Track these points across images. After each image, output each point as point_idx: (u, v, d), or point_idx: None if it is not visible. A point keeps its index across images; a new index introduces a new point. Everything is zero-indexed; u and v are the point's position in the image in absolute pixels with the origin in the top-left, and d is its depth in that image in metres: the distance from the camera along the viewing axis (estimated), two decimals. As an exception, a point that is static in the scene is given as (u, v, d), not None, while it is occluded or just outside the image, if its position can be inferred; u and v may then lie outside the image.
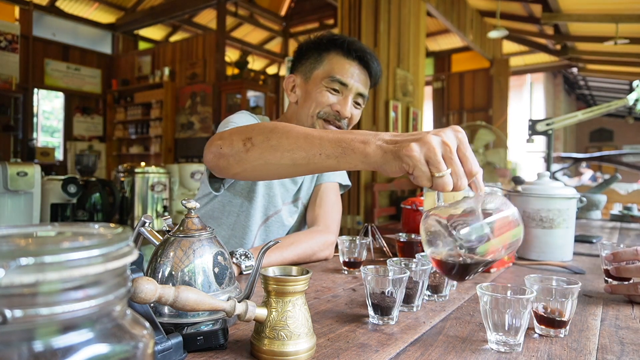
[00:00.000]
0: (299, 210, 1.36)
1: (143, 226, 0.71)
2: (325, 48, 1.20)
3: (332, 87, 1.17)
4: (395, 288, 0.66)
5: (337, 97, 1.18)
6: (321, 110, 1.18)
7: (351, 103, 1.19)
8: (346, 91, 1.18)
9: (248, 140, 0.81)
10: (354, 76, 1.18)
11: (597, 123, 14.36)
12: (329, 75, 1.17)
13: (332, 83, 1.17)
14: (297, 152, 0.75)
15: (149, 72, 7.93)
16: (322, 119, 1.19)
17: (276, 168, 0.80)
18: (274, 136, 0.78)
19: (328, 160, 0.72)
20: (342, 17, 4.27)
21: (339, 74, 1.16)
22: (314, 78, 1.20)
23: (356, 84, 1.18)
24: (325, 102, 1.17)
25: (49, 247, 0.24)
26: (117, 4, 8.13)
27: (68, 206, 3.45)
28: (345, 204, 4.26)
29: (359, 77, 1.19)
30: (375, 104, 4.34)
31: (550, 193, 1.20)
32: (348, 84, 1.17)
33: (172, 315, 0.59)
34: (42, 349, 0.24)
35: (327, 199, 1.34)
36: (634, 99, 3.10)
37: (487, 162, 5.72)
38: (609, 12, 5.39)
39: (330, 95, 1.17)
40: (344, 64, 1.17)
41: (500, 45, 8.19)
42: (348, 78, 1.17)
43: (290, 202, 1.33)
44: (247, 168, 0.83)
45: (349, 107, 1.18)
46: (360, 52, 1.18)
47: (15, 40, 6.83)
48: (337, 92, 1.18)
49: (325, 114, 1.18)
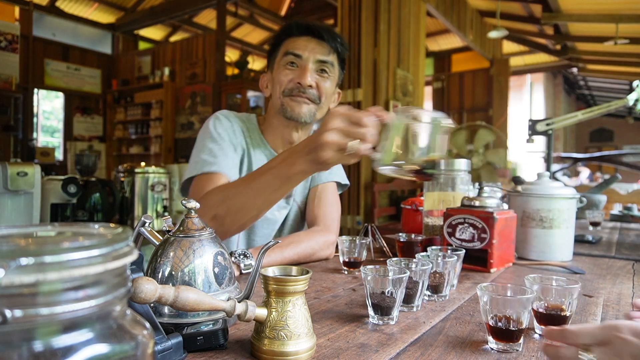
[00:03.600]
0: (291, 207, 1.34)
1: (143, 226, 0.71)
2: (282, 38, 1.23)
3: (288, 62, 1.19)
4: (395, 288, 0.66)
5: (296, 71, 1.19)
6: (284, 88, 1.19)
7: (311, 71, 1.18)
8: (302, 61, 1.18)
9: (214, 218, 0.94)
10: (307, 46, 1.19)
11: (597, 123, 14.35)
12: (284, 53, 1.20)
13: (288, 58, 1.19)
14: (256, 200, 0.90)
15: (149, 72, 7.93)
16: (287, 97, 1.19)
17: (256, 213, 0.94)
18: (228, 204, 0.92)
19: (281, 190, 0.88)
20: (342, 17, 4.27)
21: (292, 48, 1.18)
22: (276, 65, 1.23)
23: (312, 53, 1.18)
24: (285, 79, 1.19)
25: (49, 247, 0.24)
26: (117, 4, 8.13)
27: (68, 206, 3.45)
28: (345, 204, 4.26)
29: (314, 47, 1.19)
30: (375, 104, 4.34)
31: (550, 193, 1.20)
32: (302, 54, 1.18)
33: (172, 315, 0.59)
34: (42, 349, 0.24)
35: (326, 199, 1.34)
36: (634, 99, 3.10)
37: (487, 162, 5.71)
38: (609, 12, 5.39)
39: (289, 71, 1.19)
40: (295, 40, 1.20)
41: (500, 45, 8.19)
42: (301, 49, 1.18)
43: None
44: (237, 228, 0.97)
45: (309, 75, 1.17)
46: (308, 25, 1.20)
47: (15, 40, 6.83)
48: (296, 67, 1.19)
49: (289, 90, 1.19)
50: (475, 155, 5.75)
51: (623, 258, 1.29)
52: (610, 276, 1.05)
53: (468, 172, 1.25)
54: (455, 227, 1.09)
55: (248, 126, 1.30)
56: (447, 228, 1.10)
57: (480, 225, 1.05)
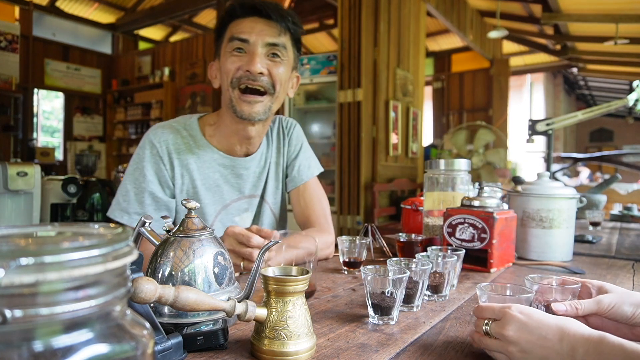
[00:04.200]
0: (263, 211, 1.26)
1: (143, 226, 0.71)
2: (226, 20, 1.12)
3: (235, 48, 1.07)
4: (395, 288, 0.66)
5: (244, 57, 1.07)
6: (232, 77, 1.08)
7: (261, 57, 1.07)
8: (250, 47, 1.07)
9: None
10: (254, 29, 1.07)
11: (597, 123, 14.36)
12: (229, 39, 1.09)
13: (233, 44, 1.07)
14: None
15: (149, 72, 7.93)
16: (237, 89, 1.08)
17: None
18: None
19: None
20: (342, 17, 4.26)
21: (237, 33, 1.07)
22: (222, 52, 1.12)
23: (260, 36, 1.06)
24: (232, 67, 1.07)
25: (49, 247, 0.24)
26: (117, 4, 8.13)
27: (68, 206, 3.45)
28: (346, 203, 4.26)
29: (262, 28, 1.07)
30: (375, 104, 4.34)
31: (550, 193, 1.20)
32: (248, 38, 1.06)
33: (172, 315, 0.59)
34: (42, 349, 0.24)
35: (312, 197, 1.28)
36: (634, 99, 3.10)
37: (487, 162, 5.72)
38: (609, 12, 5.39)
39: (235, 57, 1.07)
40: (239, 23, 1.08)
41: (500, 45, 8.19)
42: (247, 33, 1.07)
43: (241, 197, 1.23)
44: None
45: (258, 62, 1.06)
46: (254, 4, 1.09)
47: (15, 40, 6.83)
48: (243, 53, 1.07)
49: (237, 80, 1.07)
50: (475, 155, 5.75)
51: (623, 258, 1.29)
52: (610, 276, 1.05)
53: (468, 172, 1.25)
54: (455, 227, 1.09)
55: (186, 134, 1.18)
56: (447, 228, 1.10)
57: (480, 225, 1.05)
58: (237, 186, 1.22)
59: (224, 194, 1.21)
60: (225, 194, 1.21)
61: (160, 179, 1.14)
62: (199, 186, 1.17)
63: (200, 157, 1.17)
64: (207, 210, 1.19)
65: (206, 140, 1.19)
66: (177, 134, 1.17)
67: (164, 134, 1.16)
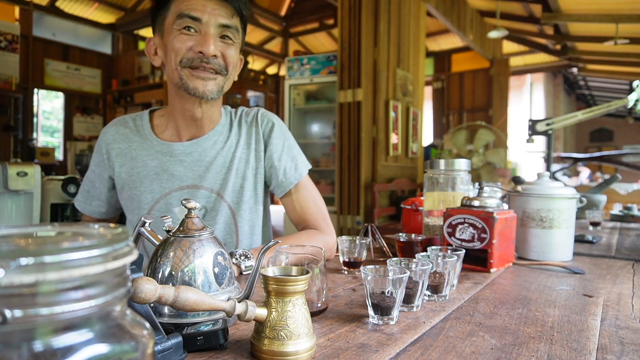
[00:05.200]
0: (219, 210, 1.16)
1: (143, 226, 0.71)
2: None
3: (185, 27, 1.01)
4: (395, 288, 0.66)
5: (196, 37, 1.02)
6: (182, 57, 1.02)
7: (214, 39, 1.02)
8: (202, 26, 1.02)
9: None
10: (206, 7, 1.01)
11: (597, 123, 14.36)
12: (177, 15, 1.01)
13: (183, 21, 1.01)
14: None
15: (149, 72, 7.92)
16: (187, 68, 1.03)
17: None
18: None
19: None
20: (342, 17, 4.27)
21: (187, 9, 1.01)
22: (167, 28, 1.04)
23: (213, 16, 1.01)
24: (183, 47, 1.01)
25: (49, 247, 0.24)
26: (117, 4, 8.13)
27: (68, 206, 3.45)
28: (346, 203, 4.26)
29: (214, 8, 1.02)
30: (375, 104, 4.34)
31: (550, 193, 1.20)
32: (201, 18, 1.01)
33: (172, 315, 0.59)
34: (42, 349, 0.24)
35: (307, 199, 1.22)
36: (634, 99, 3.10)
37: (487, 162, 5.72)
38: (609, 12, 5.39)
39: (185, 36, 1.01)
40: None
41: (500, 45, 8.19)
42: (199, 11, 1.01)
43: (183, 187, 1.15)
44: None
45: (212, 44, 1.01)
46: None
47: (15, 40, 6.83)
48: (194, 32, 1.02)
49: (189, 61, 1.02)
50: (475, 155, 5.75)
51: (623, 258, 1.29)
52: (610, 276, 1.05)
53: (468, 172, 1.25)
54: (455, 227, 1.09)
55: (132, 125, 1.19)
56: (447, 228, 1.10)
57: (480, 225, 1.05)
58: (177, 174, 1.15)
59: (162, 182, 1.15)
60: (164, 182, 1.15)
61: (99, 169, 1.22)
62: (137, 174, 1.16)
63: (141, 145, 1.17)
64: (143, 198, 1.15)
65: (150, 129, 1.18)
66: (123, 126, 1.20)
67: (109, 127, 1.22)
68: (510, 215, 1.11)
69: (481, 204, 1.10)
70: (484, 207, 1.09)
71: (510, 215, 1.11)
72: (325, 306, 0.74)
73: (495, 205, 1.10)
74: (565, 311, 0.76)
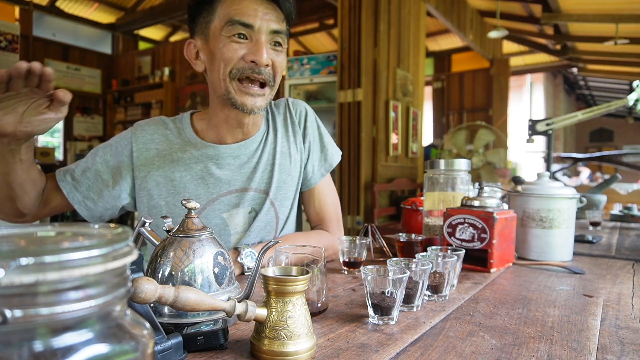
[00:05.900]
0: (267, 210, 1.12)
1: (143, 226, 0.71)
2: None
3: (236, 34, 0.95)
4: (395, 288, 0.66)
5: (247, 45, 0.96)
6: (233, 67, 0.96)
7: (267, 46, 0.96)
8: (254, 34, 0.95)
9: None
10: (257, 12, 0.94)
11: (597, 123, 14.36)
12: (227, 21, 0.94)
13: (234, 28, 0.94)
14: None
15: (149, 72, 7.93)
16: (236, 80, 0.97)
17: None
18: None
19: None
20: (342, 17, 4.26)
21: (238, 15, 0.94)
22: (213, 33, 0.98)
23: (264, 21, 0.95)
24: (234, 56, 0.95)
25: (49, 247, 0.24)
26: (117, 4, 8.13)
27: (68, 206, 3.44)
28: (346, 204, 4.26)
29: (265, 12, 0.95)
30: (375, 104, 4.33)
31: (550, 193, 1.20)
32: (253, 24, 0.94)
33: (172, 315, 0.59)
34: (42, 349, 0.24)
35: (325, 198, 1.22)
36: (634, 99, 3.10)
37: (487, 162, 5.72)
38: (609, 12, 5.39)
39: (237, 45, 0.95)
40: (240, 3, 0.95)
41: (500, 45, 8.19)
42: (251, 17, 0.94)
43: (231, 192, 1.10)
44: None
45: (265, 52, 0.95)
46: None
47: (15, 40, 6.81)
48: (245, 39, 0.96)
49: (239, 71, 0.96)
50: (475, 155, 5.75)
51: (623, 258, 1.29)
52: (610, 276, 1.05)
53: (468, 172, 1.25)
54: (455, 227, 1.09)
55: (173, 126, 1.12)
56: (447, 228, 1.10)
57: (480, 225, 1.05)
58: (225, 179, 1.09)
59: (209, 187, 1.08)
60: (211, 187, 1.08)
61: (115, 160, 1.08)
62: (180, 179, 1.07)
63: (182, 148, 1.09)
64: None
65: (192, 132, 1.11)
66: (163, 126, 1.12)
67: (147, 125, 1.11)
68: (510, 215, 1.11)
69: (481, 204, 1.10)
70: (484, 207, 1.09)
71: (510, 215, 1.11)
72: (325, 306, 0.74)
73: (495, 205, 1.10)
74: (565, 311, 0.76)
